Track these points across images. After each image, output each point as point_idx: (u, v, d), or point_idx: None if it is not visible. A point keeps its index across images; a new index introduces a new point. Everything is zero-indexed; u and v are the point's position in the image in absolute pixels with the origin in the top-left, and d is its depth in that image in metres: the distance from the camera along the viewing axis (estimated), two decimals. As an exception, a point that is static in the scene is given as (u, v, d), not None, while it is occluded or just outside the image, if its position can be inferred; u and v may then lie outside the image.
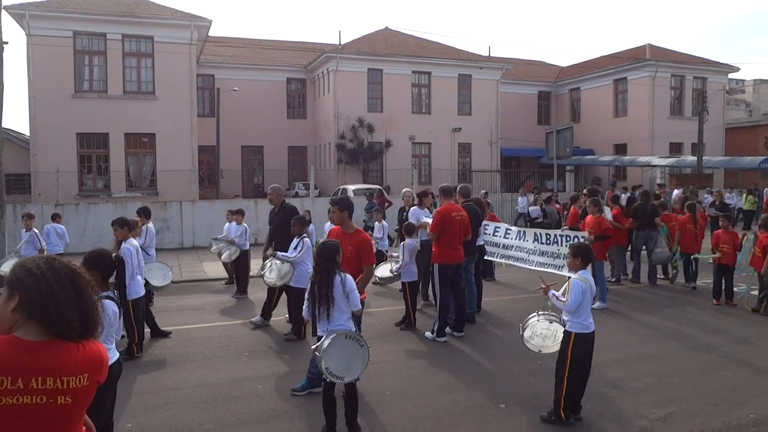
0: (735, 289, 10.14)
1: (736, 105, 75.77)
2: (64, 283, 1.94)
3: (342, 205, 6.06)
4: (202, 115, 30.13)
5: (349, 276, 4.95)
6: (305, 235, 7.89)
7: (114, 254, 4.39)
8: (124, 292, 4.95)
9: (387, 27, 35.81)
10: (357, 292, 4.98)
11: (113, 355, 3.98)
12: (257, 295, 10.54)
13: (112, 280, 4.22)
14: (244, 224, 10.95)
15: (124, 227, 6.92)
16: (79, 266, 2.06)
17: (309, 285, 4.99)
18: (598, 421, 5.24)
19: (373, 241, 10.85)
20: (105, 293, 3.89)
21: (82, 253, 4.33)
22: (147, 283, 8.25)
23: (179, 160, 22.95)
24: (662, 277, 12.30)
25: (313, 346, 4.86)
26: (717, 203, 18.02)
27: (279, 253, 7.85)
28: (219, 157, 28.28)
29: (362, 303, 5.28)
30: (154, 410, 5.60)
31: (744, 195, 23.83)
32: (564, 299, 5.12)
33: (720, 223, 10.59)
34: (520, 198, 20.59)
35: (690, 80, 35.84)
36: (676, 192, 21.61)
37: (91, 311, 1.98)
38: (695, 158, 28.99)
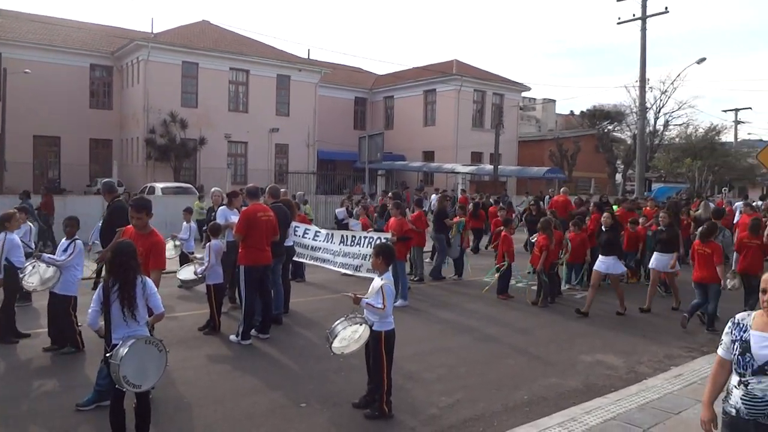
0: (517, 284, 11.37)
1: (528, 121, 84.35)
2: None
3: (145, 208, 5.81)
4: (-16, 98, 26.59)
5: (148, 279, 4.77)
6: (77, 237, 7.27)
7: None
8: None
9: (205, 20, 34.55)
10: (158, 295, 4.77)
11: None
12: (42, 302, 9.48)
13: None
14: (29, 223, 9.82)
15: None
16: None
17: (100, 290, 4.64)
18: (394, 412, 5.50)
19: (174, 243, 10.43)
20: None
21: None
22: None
23: (-49, 148, 19.97)
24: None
25: (108, 355, 4.51)
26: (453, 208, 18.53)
27: (45, 255, 7.10)
28: (4, 148, 25.05)
29: None
30: None
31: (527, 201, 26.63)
32: (380, 305, 5.29)
33: (504, 229, 11.57)
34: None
35: (490, 96, 39.42)
36: (434, 197, 23.08)
37: None
38: (492, 167, 31.97)
